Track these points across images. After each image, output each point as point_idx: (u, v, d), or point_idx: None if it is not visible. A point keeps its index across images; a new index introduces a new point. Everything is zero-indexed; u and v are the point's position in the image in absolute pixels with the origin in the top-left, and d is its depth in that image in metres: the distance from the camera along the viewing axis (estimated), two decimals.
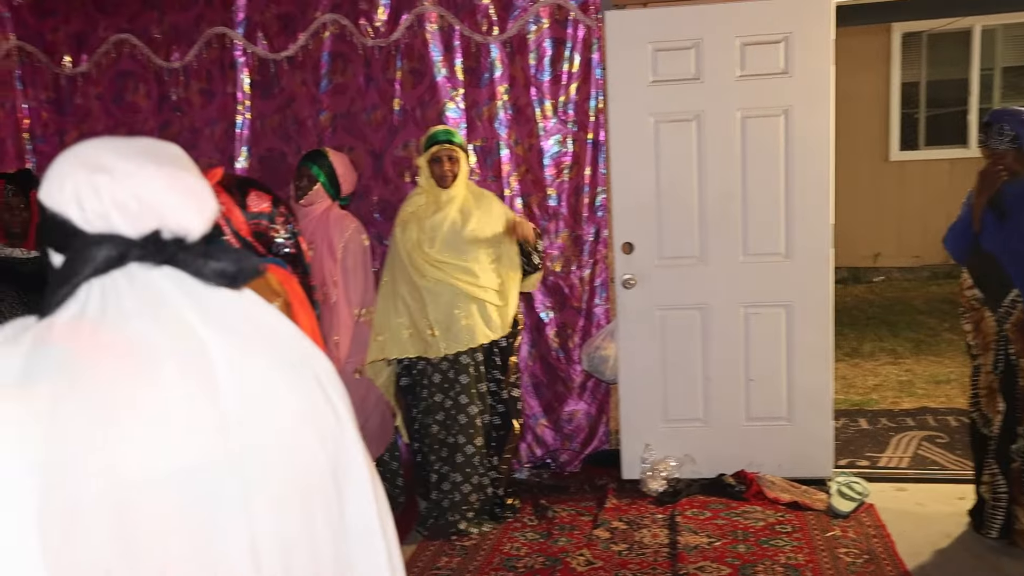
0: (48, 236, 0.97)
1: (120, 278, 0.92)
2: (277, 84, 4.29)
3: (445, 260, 3.59)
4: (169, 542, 0.85)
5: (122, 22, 4.33)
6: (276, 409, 0.93)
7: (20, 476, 0.79)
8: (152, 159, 0.99)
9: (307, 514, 0.94)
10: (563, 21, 4.03)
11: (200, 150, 4.38)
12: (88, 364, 0.86)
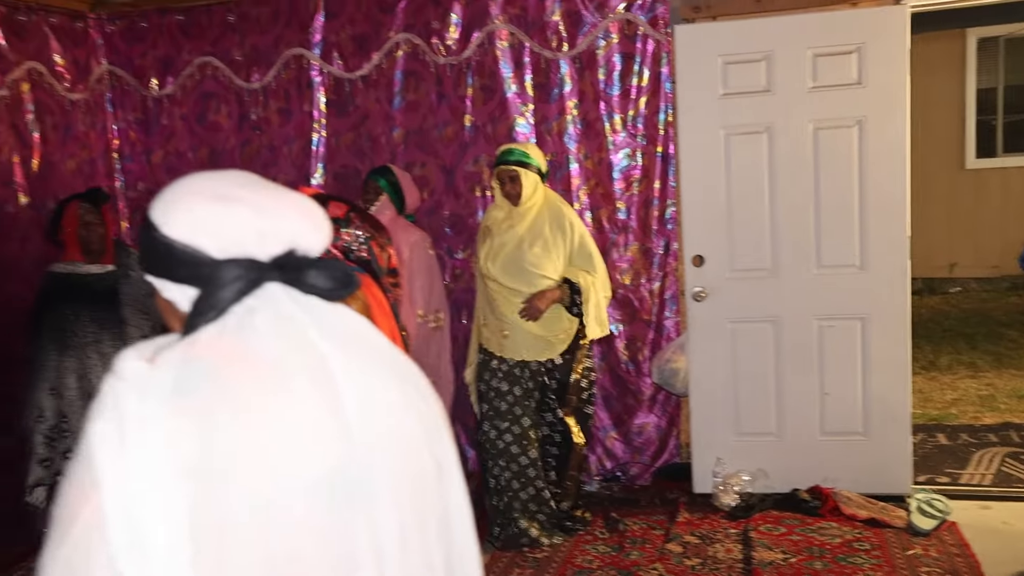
0: (166, 267, 1.00)
1: (253, 301, 0.97)
2: (352, 102, 4.41)
3: (498, 281, 3.67)
4: (306, 545, 0.90)
5: (206, 46, 4.51)
6: (388, 415, 0.99)
7: (175, 483, 0.85)
8: (265, 187, 1.05)
9: (419, 512, 0.99)
10: (632, 36, 4.06)
11: (278, 167, 4.53)
12: (234, 377, 0.91)
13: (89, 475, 0.85)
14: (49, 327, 3.46)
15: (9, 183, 4.02)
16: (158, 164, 4.69)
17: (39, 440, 3.49)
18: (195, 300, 0.97)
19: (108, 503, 0.84)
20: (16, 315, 4.00)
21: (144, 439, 0.85)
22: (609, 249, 4.23)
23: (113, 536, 0.83)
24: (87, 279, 3.54)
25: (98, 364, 3.51)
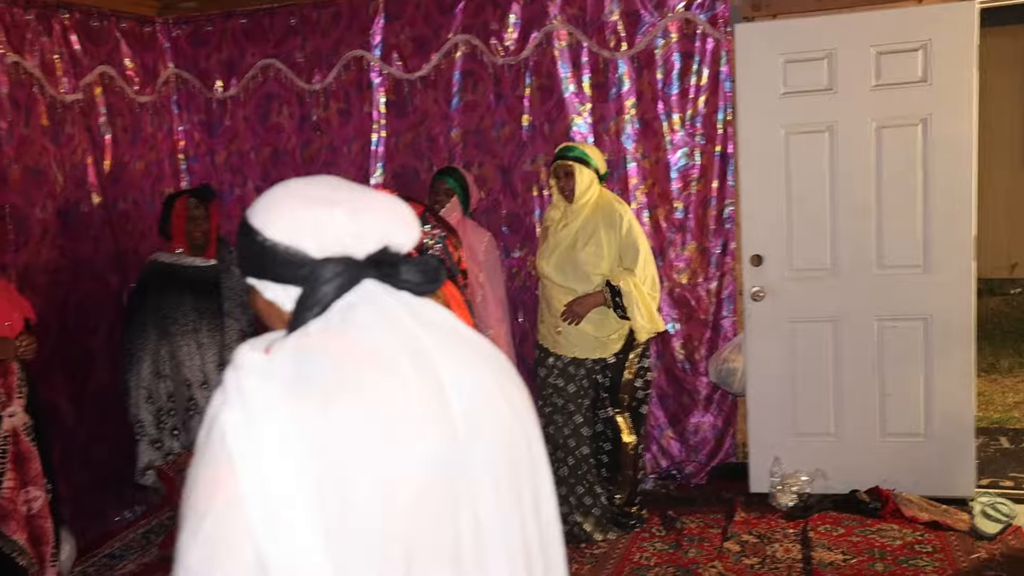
0: (268, 269, 1.06)
1: (353, 297, 1.03)
2: (411, 103, 4.48)
3: (552, 279, 3.71)
4: (421, 520, 0.96)
5: (268, 48, 4.61)
6: (485, 400, 1.04)
7: (301, 463, 0.91)
8: (357, 189, 1.11)
9: (515, 493, 1.04)
10: (691, 35, 4.06)
11: (338, 167, 4.61)
12: (347, 363, 0.97)
13: (224, 457, 0.91)
14: (151, 312, 3.62)
15: (83, 184, 4.16)
16: (221, 164, 4.81)
17: (149, 421, 3.66)
18: (298, 298, 1.03)
19: (244, 483, 0.90)
20: (90, 313, 4.15)
21: (270, 423, 0.91)
22: (666, 248, 4.23)
23: (251, 513, 0.89)
24: (189, 270, 3.68)
25: (195, 352, 3.67)
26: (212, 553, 0.90)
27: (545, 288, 3.81)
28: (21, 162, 3.82)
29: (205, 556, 0.90)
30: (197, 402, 3.69)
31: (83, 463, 4.09)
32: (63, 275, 4.03)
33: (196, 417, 3.69)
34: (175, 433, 3.68)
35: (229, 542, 0.90)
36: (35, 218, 3.89)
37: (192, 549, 0.91)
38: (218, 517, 0.90)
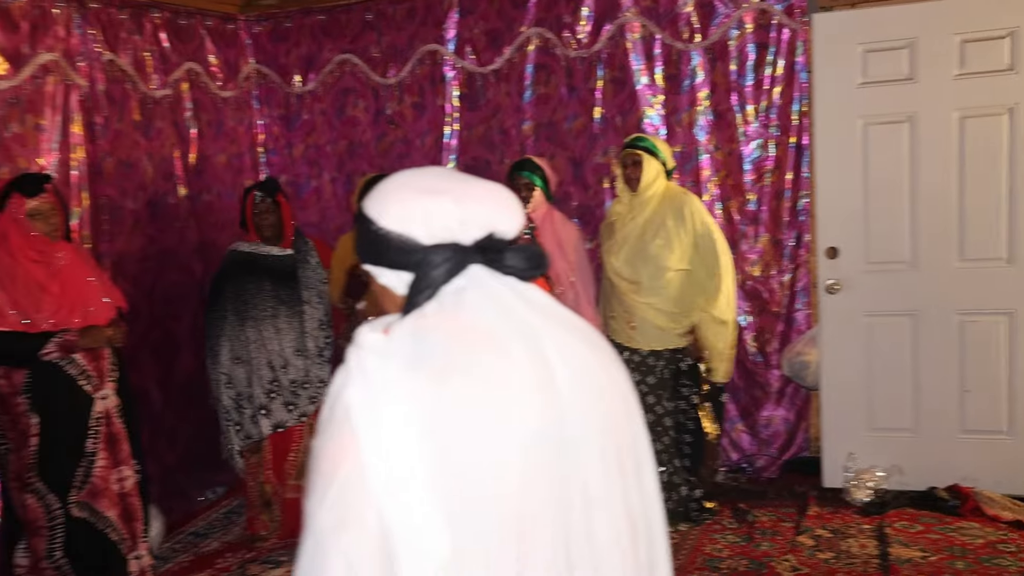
0: (383, 255, 1.12)
1: (462, 280, 1.09)
2: (483, 96, 4.53)
3: (621, 274, 3.72)
4: (532, 490, 1.01)
5: (345, 43, 4.72)
6: (592, 380, 1.09)
7: (419, 436, 0.97)
8: (463, 179, 1.16)
9: (621, 470, 1.10)
10: (767, 25, 4.03)
11: (411, 160, 4.69)
12: (461, 343, 1.03)
13: (348, 431, 0.98)
14: (232, 298, 3.75)
15: (170, 176, 4.32)
16: (299, 157, 4.94)
17: (230, 405, 3.79)
18: (411, 283, 1.09)
19: (367, 454, 0.96)
20: (175, 300, 4.32)
21: (389, 400, 0.97)
22: (738, 241, 4.21)
23: (373, 482, 0.96)
24: (268, 259, 3.80)
25: (274, 337, 3.78)
26: (339, 518, 0.96)
27: (614, 284, 3.81)
28: (115, 155, 3.99)
29: (332, 520, 0.96)
30: (280, 383, 3.80)
31: (169, 445, 4.26)
32: (151, 263, 4.21)
33: (278, 400, 3.80)
34: (263, 413, 3.78)
35: (354, 508, 0.96)
36: (127, 209, 4.06)
37: (319, 514, 0.97)
38: (344, 485, 0.96)
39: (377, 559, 0.95)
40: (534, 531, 1.01)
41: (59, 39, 3.69)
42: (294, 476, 3.93)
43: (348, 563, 0.95)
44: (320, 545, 0.96)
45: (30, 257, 3.04)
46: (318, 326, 3.90)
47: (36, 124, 3.61)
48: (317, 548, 0.97)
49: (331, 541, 0.96)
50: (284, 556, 3.76)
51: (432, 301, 1.07)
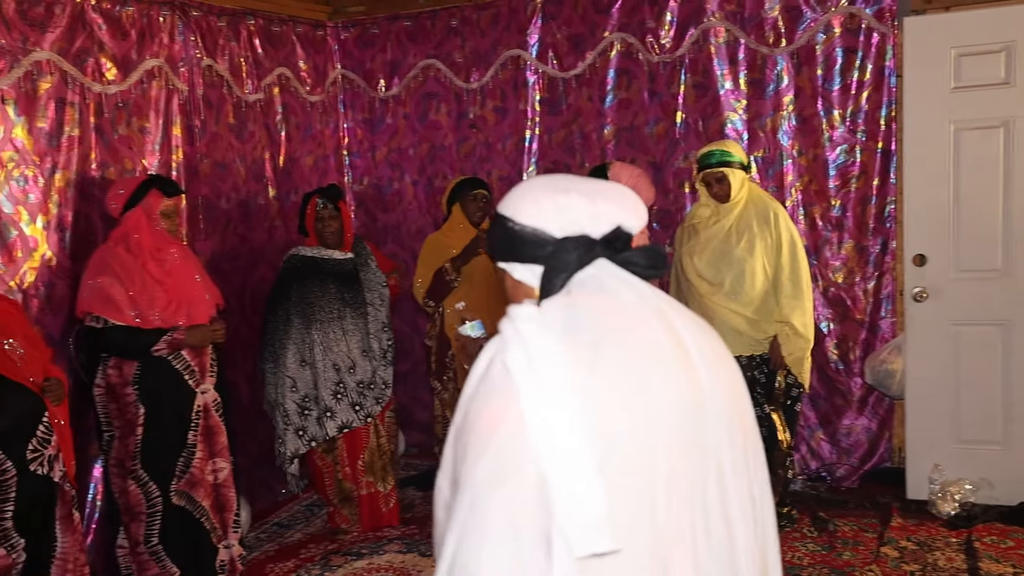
0: (516, 250, 1.20)
1: (593, 269, 1.16)
2: (564, 101, 4.58)
3: (703, 276, 3.70)
4: (675, 458, 1.07)
5: (429, 49, 4.81)
6: (718, 361, 1.16)
7: (575, 401, 1.02)
8: (589, 180, 1.24)
9: (744, 447, 1.16)
10: (855, 30, 3.98)
11: (492, 163, 4.77)
12: (611, 317, 1.10)
13: (509, 390, 1.04)
14: (297, 301, 3.84)
15: (261, 178, 4.47)
16: (381, 160, 5.05)
17: (293, 409, 3.86)
18: (543, 273, 1.17)
19: (527, 411, 1.02)
20: (263, 298, 4.45)
21: (548, 363, 1.03)
22: (821, 247, 4.17)
23: (534, 438, 1.01)
24: (330, 263, 3.90)
25: (340, 339, 3.86)
26: (499, 468, 1.01)
27: (693, 287, 3.80)
28: (211, 157, 4.15)
29: (492, 470, 1.01)
30: (346, 385, 3.88)
31: (253, 438, 4.40)
32: (241, 262, 4.35)
33: (343, 401, 3.88)
34: (328, 415, 3.87)
35: (514, 460, 1.01)
36: (220, 209, 4.22)
37: (479, 465, 1.02)
38: (504, 439, 1.02)
39: (537, 510, 0.99)
40: (678, 495, 1.06)
41: (163, 46, 3.86)
42: (366, 474, 4.02)
43: (509, 514, 0.99)
44: (479, 498, 1.01)
45: (151, 254, 3.19)
46: (381, 328, 3.98)
47: (141, 127, 3.78)
48: (476, 501, 1.01)
49: (491, 494, 1.00)
50: (365, 549, 3.85)
51: (570, 284, 1.14)
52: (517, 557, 0.99)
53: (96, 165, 3.55)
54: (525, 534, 0.99)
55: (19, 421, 2.60)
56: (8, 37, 3.21)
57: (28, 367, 2.64)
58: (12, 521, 2.57)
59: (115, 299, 3.12)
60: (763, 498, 1.19)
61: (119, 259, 3.16)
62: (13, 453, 2.57)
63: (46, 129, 3.37)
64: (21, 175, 3.28)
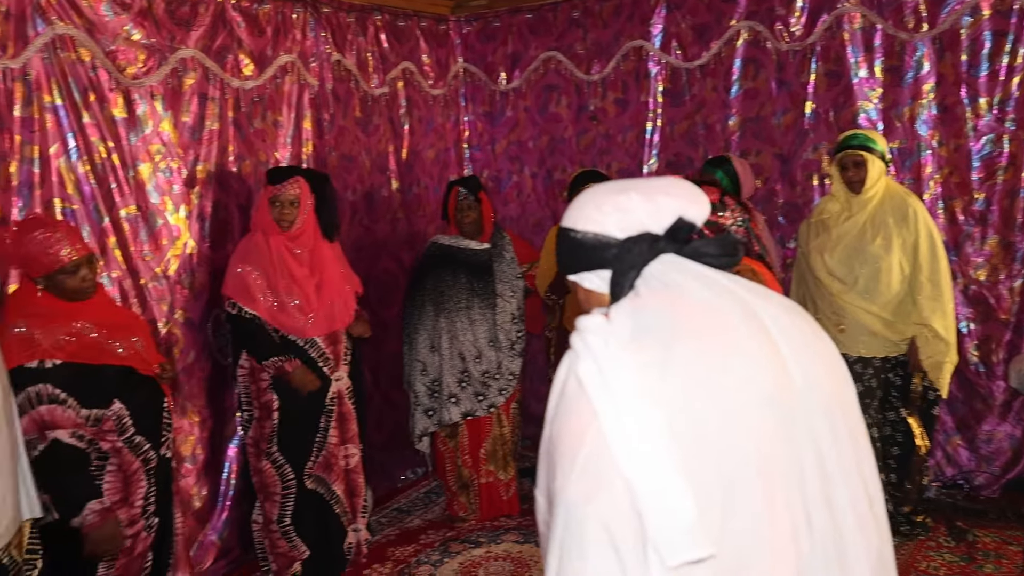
0: (583, 259, 1.20)
1: (658, 264, 1.15)
2: (688, 91, 4.49)
3: (834, 274, 3.54)
4: (764, 452, 1.04)
5: (551, 41, 4.81)
6: (815, 352, 1.13)
7: (649, 404, 1.02)
8: (647, 179, 1.24)
9: (852, 437, 1.12)
10: (1006, 11, 3.75)
11: (612, 156, 4.73)
12: (681, 316, 1.09)
13: (585, 403, 1.05)
14: (430, 290, 3.93)
15: (384, 170, 4.57)
16: (501, 153, 5.08)
17: (422, 391, 3.97)
18: (611, 276, 1.16)
19: (604, 422, 1.02)
20: (386, 287, 4.56)
21: (617, 372, 1.03)
22: (962, 243, 3.95)
23: (614, 447, 1.01)
24: (465, 252, 3.95)
25: (467, 329, 3.91)
26: (588, 486, 1.02)
27: (823, 284, 3.65)
28: (338, 150, 4.27)
29: (583, 490, 1.02)
30: (470, 374, 3.93)
31: (376, 424, 4.50)
32: (366, 252, 4.46)
33: (468, 389, 3.93)
34: (452, 401, 3.93)
35: (603, 475, 1.01)
36: (346, 201, 4.33)
37: (570, 482, 1.03)
38: (589, 454, 1.03)
39: (631, 520, 0.99)
40: (772, 487, 1.04)
41: (296, 42, 3.99)
42: (487, 463, 4.06)
43: (604, 526, 1.00)
44: (574, 514, 1.02)
45: (287, 248, 3.26)
46: (510, 319, 4.00)
47: (275, 120, 3.92)
48: (571, 517, 1.02)
49: (585, 509, 1.01)
50: (483, 537, 3.89)
51: (638, 284, 1.13)
52: (619, 567, 1.00)
53: (234, 157, 3.71)
54: (623, 544, 0.99)
55: (155, 413, 2.72)
56: (158, 36, 3.38)
57: (149, 357, 2.74)
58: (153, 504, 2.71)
59: (251, 288, 3.22)
60: (873, 489, 1.14)
61: (258, 248, 3.26)
62: (155, 442, 2.70)
63: (189, 123, 3.53)
64: (167, 167, 3.45)
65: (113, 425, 2.58)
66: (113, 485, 2.59)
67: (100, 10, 3.21)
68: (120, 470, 2.61)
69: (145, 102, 3.36)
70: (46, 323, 2.46)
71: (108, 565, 2.61)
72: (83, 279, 2.52)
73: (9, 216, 2.96)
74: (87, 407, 2.50)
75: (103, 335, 2.57)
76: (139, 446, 2.65)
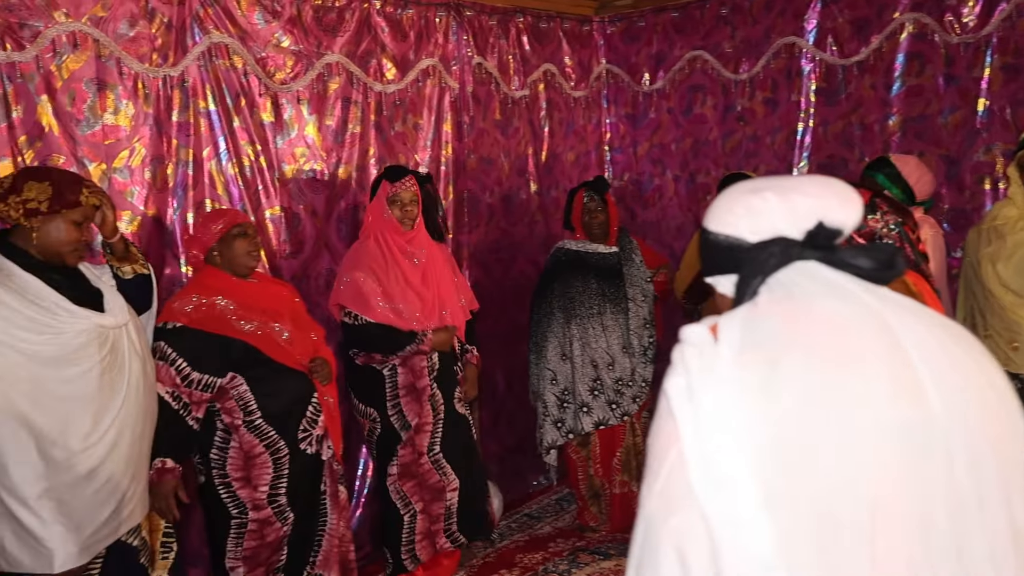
0: (716, 261, 1.13)
1: (790, 271, 1.04)
2: (844, 89, 4.22)
3: (1009, 285, 3.20)
4: (887, 489, 0.92)
5: (697, 40, 4.65)
6: (962, 375, 0.98)
7: (743, 426, 0.93)
8: (796, 177, 1.12)
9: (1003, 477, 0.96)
10: None
11: (760, 158, 4.51)
12: (798, 329, 0.98)
13: (672, 423, 0.98)
14: (558, 296, 3.86)
15: (523, 172, 4.55)
16: (643, 155, 4.96)
17: (552, 401, 3.88)
18: (737, 281, 1.08)
19: (686, 445, 0.95)
20: (522, 290, 4.54)
21: (707, 391, 0.95)
22: None
23: (692, 472, 0.94)
24: (594, 257, 3.86)
25: (600, 336, 3.82)
26: (666, 505, 0.97)
27: (994, 297, 3.32)
28: (477, 152, 4.28)
29: (660, 507, 0.98)
30: (603, 382, 3.82)
31: (508, 427, 4.50)
32: (502, 255, 4.46)
33: (600, 398, 3.83)
34: (584, 411, 3.84)
35: (680, 496, 0.96)
36: (484, 203, 4.34)
37: (649, 501, 0.99)
38: (670, 473, 0.97)
39: (705, 547, 0.94)
40: (889, 527, 0.91)
41: (438, 45, 4.03)
42: (621, 472, 3.95)
43: (677, 548, 0.95)
44: (651, 531, 0.98)
45: (401, 251, 3.23)
46: (642, 324, 3.88)
47: (415, 123, 3.97)
48: (648, 534, 0.99)
49: (661, 528, 0.97)
50: (613, 549, 3.79)
51: (760, 292, 1.04)
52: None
53: (374, 160, 3.78)
54: (696, 567, 0.95)
55: (291, 404, 2.78)
56: (305, 42, 3.50)
57: (296, 348, 2.81)
58: (286, 496, 2.77)
59: (366, 295, 3.15)
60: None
61: (370, 253, 3.20)
62: (286, 433, 2.76)
63: (333, 127, 3.63)
64: (311, 169, 3.56)
65: (236, 404, 2.68)
66: (235, 463, 2.70)
67: (253, 19, 3.35)
68: (241, 449, 2.71)
69: (292, 106, 3.48)
70: (190, 292, 2.69)
71: (235, 542, 2.70)
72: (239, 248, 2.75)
73: (165, 215, 3.13)
74: (199, 371, 2.61)
75: (237, 314, 2.69)
76: (262, 431, 2.72)
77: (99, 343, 2.22)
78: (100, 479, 2.20)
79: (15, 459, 2.08)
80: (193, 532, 3.15)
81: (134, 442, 2.30)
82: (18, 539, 2.10)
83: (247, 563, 2.73)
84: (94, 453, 2.18)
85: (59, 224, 2.22)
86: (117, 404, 2.24)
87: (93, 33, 2.89)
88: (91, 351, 2.19)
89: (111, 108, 2.96)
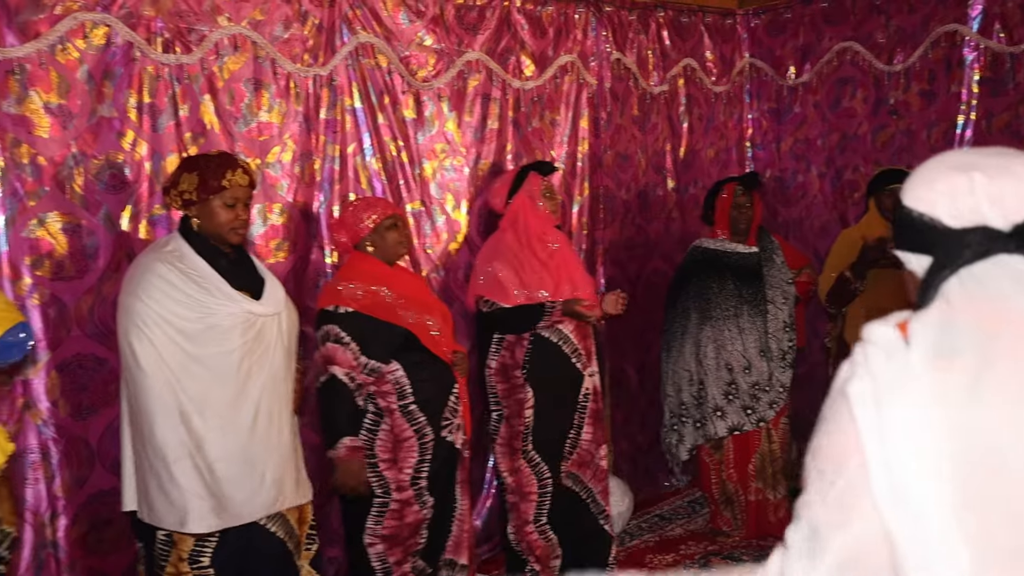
0: (908, 238, 1.03)
1: (988, 265, 0.94)
2: (1012, 79, 3.93)
3: None
4: None
5: (847, 31, 4.44)
6: None
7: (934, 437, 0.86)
8: (1016, 157, 0.99)
9: None
10: None
11: (914, 153, 4.27)
12: (1006, 334, 0.89)
13: (852, 427, 0.91)
14: (694, 296, 3.77)
15: (660, 169, 4.49)
16: (786, 151, 4.79)
17: (691, 403, 3.80)
18: (928, 268, 0.99)
19: (869, 454, 0.89)
20: (657, 288, 4.48)
21: (895, 399, 0.88)
22: None
23: (876, 483, 0.88)
24: (732, 256, 3.76)
25: (736, 338, 3.71)
26: (840, 516, 0.91)
27: None
28: (614, 148, 4.26)
29: (832, 518, 0.91)
30: (738, 386, 3.71)
31: (641, 426, 4.45)
32: (637, 251, 4.42)
33: (735, 402, 3.71)
34: (718, 415, 3.73)
35: (858, 508, 0.90)
36: (620, 199, 4.31)
37: (819, 509, 0.93)
38: (848, 483, 0.91)
39: (883, 563, 0.88)
40: None
41: (577, 42, 4.04)
42: (756, 479, 3.83)
43: (849, 556, 0.90)
44: (819, 535, 0.92)
45: (538, 237, 3.23)
46: (782, 328, 3.74)
47: (552, 119, 3.99)
48: (816, 537, 0.92)
49: (831, 535, 0.91)
50: (747, 555, 3.69)
51: (952, 288, 0.95)
52: None
53: (511, 156, 3.82)
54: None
55: (439, 393, 2.86)
56: (447, 40, 3.58)
57: (443, 341, 2.89)
58: (427, 480, 2.85)
59: (504, 283, 3.18)
60: None
61: (507, 244, 3.23)
62: (433, 420, 2.84)
63: (472, 123, 3.70)
64: (451, 165, 3.64)
65: (392, 388, 2.77)
66: (384, 444, 2.79)
67: (398, 19, 3.46)
68: (392, 432, 2.79)
69: (433, 103, 3.57)
70: (352, 278, 2.80)
71: (375, 520, 2.79)
72: (391, 239, 2.85)
73: (311, 208, 3.27)
74: (367, 356, 2.73)
75: (398, 303, 2.81)
76: (413, 416, 2.80)
77: (244, 327, 2.37)
78: (237, 458, 2.34)
79: (161, 421, 2.27)
80: (332, 513, 3.28)
81: (273, 430, 2.43)
82: (161, 493, 2.29)
83: (386, 542, 2.81)
84: (230, 432, 2.33)
85: (211, 208, 2.37)
86: (255, 389, 2.38)
87: (252, 36, 3.06)
88: (234, 335, 2.35)
89: (265, 106, 3.13)
